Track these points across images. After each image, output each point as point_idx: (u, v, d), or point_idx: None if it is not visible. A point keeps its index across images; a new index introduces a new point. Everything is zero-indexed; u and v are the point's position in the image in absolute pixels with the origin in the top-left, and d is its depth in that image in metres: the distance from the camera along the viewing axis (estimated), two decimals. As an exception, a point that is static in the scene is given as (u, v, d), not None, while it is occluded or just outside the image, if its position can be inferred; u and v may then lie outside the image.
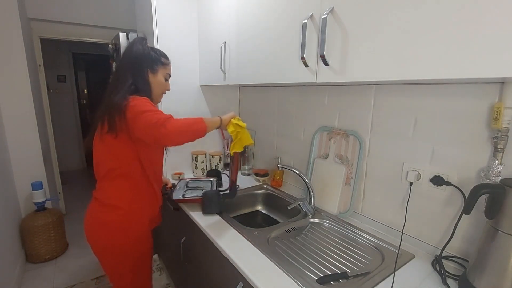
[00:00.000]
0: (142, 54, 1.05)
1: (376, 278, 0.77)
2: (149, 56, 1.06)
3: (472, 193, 0.68)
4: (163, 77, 1.11)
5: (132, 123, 0.92)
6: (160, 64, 1.09)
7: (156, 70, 1.08)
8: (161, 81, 1.10)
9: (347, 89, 1.13)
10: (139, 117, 0.91)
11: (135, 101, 0.95)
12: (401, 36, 0.64)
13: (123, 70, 1.04)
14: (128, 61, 1.04)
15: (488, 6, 0.51)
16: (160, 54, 1.11)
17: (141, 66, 1.04)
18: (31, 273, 2.05)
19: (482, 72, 0.53)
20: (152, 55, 1.07)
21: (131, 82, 1.01)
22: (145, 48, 1.06)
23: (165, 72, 1.11)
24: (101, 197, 1.07)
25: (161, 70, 1.10)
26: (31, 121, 2.25)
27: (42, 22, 2.59)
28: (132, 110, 0.92)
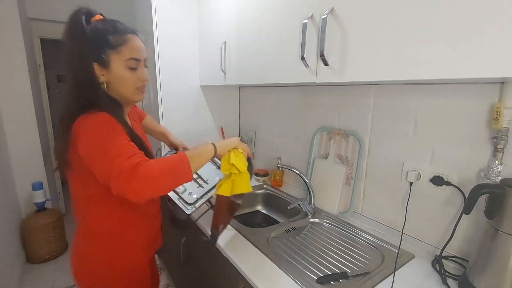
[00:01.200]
0: (77, 41, 0.69)
1: (376, 278, 0.77)
2: (87, 40, 0.68)
3: (472, 193, 0.68)
4: (124, 66, 0.72)
5: (90, 166, 0.65)
6: (108, 47, 0.69)
7: (107, 62, 0.70)
8: (122, 74, 0.72)
9: (347, 89, 1.13)
10: (94, 164, 0.64)
11: (85, 132, 0.65)
12: (401, 36, 0.64)
13: (67, 75, 0.74)
14: (66, 59, 0.73)
15: (488, 6, 0.51)
16: (105, 30, 0.70)
17: (83, 61, 0.70)
18: (32, 273, 2.05)
19: (482, 72, 0.53)
20: (90, 36, 0.68)
21: (75, 94, 0.70)
22: (78, 29, 0.69)
23: (124, 57, 0.71)
24: (81, 222, 0.81)
25: (114, 56, 0.70)
26: (31, 121, 2.25)
27: (42, 22, 2.59)
28: (83, 149, 0.65)
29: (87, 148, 0.65)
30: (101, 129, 0.65)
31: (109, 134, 0.65)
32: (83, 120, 0.66)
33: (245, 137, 1.82)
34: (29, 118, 2.24)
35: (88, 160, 0.65)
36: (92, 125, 0.66)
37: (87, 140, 0.65)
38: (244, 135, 1.83)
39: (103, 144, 0.63)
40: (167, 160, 0.65)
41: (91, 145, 0.64)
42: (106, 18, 0.76)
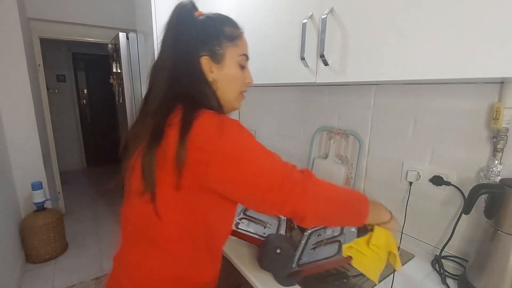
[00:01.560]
0: (184, 30, 0.59)
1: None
2: (198, 29, 0.60)
3: (471, 193, 0.68)
4: (237, 63, 0.63)
5: (229, 181, 0.51)
6: (225, 38, 0.60)
7: (221, 56, 0.60)
8: (234, 72, 0.62)
9: (347, 89, 1.13)
10: (243, 176, 0.50)
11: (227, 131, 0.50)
12: (401, 36, 0.65)
13: (159, 72, 0.60)
14: (165, 53, 0.60)
15: (488, 6, 0.51)
16: (221, 21, 0.63)
17: (189, 54, 0.58)
18: (31, 273, 2.05)
19: (481, 72, 0.53)
20: (208, 29, 0.60)
21: (173, 94, 0.56)
22: (187, 17, 0.60)
23: (237, 53, 0.62)
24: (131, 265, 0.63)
25: (231, 50, 0.61)
26: (30, 121, 2.25)
27: (42, 22, 2.59)
28: (224, 158, 0.49)
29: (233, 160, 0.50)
30: (246, 134, 0.53)
31: (257, 142, 0.53)
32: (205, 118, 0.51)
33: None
34: (29, 117, 2.23)
35: (231, 175, 0.50)
36: (236, 130, 0.52)
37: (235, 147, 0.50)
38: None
39: (260, 151, 0.53)
40: (341, 188, 0.58)
41: (241, 155, 0.50)
42: (211, 14, 0.66)
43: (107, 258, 2.24)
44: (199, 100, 0.57)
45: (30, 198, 2.17)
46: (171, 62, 0.59)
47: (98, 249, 2.37)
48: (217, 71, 0.61)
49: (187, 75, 0.58)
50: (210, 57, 0.60)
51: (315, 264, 0.70)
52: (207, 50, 0.59)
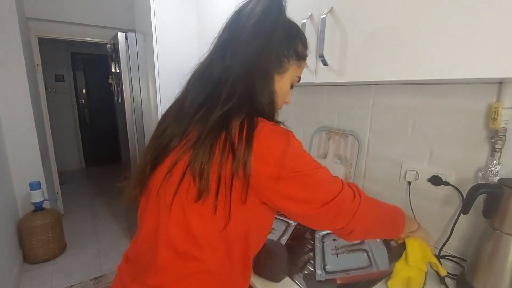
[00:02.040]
0: (278, 35, 0.55)
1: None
2: (285, 40, 0.57)
3: (470, 193, 0.68)
4: (291, 81, 0.62)
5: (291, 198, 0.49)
6: (295, 57, 0.59)
7: (285, 69, 0.59)
8: (286, 89, 0.62)
9: (346, 89, 1.13)
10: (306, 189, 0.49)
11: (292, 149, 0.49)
12: (400, 36, 0.65)
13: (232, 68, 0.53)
14: (246, 45, 0.53)
15: (487, 6, 0.51)
16: (299, 34, 0.61)
17: (268, 61, 0.54)
18: (29, 273, 2.04)
19: (480, 72, 0.53)
20: (289, 38, 0.58)
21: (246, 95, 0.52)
22: (281, 22, 0.56)
23: (296, 73, 0.62)
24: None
25: (293, 69, 0.60)
26: (29, 121, 2.24)
27: (40, 22, 2.58)
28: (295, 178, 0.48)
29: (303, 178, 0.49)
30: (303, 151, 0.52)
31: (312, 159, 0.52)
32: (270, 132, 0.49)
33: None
34: (27, 117, 2.23)
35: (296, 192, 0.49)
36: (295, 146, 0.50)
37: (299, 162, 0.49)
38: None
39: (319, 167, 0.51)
40: (383, 203, 0.60)
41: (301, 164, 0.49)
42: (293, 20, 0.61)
43: (106, 258, 2.24)
44: (261, 104, 0.53)
45: (28, 198, 2.16)
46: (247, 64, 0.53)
47: (97, 249, 2.37)
48: (276, 83, 0.58)
49: (263, 82, 0.54)
50: (277, 72, 0.58)
51: (350, 275, 0.71)
52: (276, 59, 0.57)
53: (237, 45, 0.54)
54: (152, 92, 1.67)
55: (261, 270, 0.73)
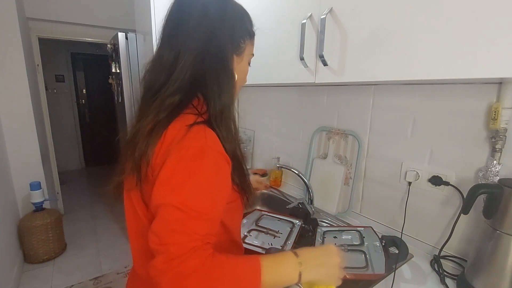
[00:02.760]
0: (228, 16, 0.55)
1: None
2: (234, 21, 0.56)
3: (470, 193, 0.68)
4: (247, 61, 0.63)
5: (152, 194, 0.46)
6: (248, 36, 0.60)
7: (242, 50, 0.59)
8: (246, 69, 0.63)
9: (346, 89, 1.13)
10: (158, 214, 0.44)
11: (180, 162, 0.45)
12: (400, 36, 0.65)
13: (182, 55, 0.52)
14: (195, 30, 0.52)
15: (487, 6, 0.51)
16: (246, 14, 0.61)
17: (224, 43, 0.54)
18: (29, 273, 2.05)
19: (480, 72, 0.53)
20: (238, 19, 0.58)
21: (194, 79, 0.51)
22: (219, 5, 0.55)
23: (251, 51, 0.63)
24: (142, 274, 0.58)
25: (248, 48, 0.61)
26: (29, 121, 2.24)
27: (40, 22, 2.58)
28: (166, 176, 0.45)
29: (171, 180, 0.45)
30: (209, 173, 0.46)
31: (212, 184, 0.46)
32: (184, 137, 0.46)
33: (244, 136, 1.82)
34: (27, 117, 2.23)
35: (158, 189, 0.45)
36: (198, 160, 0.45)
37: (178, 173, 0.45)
38: (243, 134, 1.83)
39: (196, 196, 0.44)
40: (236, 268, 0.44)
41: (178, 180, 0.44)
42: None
43: (105, 258, 2.24)
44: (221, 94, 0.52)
45: (28, 198, 2.16)
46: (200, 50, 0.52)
47: (96, 249, 2.37)
48: (236, 64, 0.58)
49: (220, 67, 0.53)
50: (235, 51, 0.57)
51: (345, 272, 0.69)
52: (234, 45, 0.56)
53: (185, 33, 0.53)
54: (152, 92, 1.67)
55: None
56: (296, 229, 0.98)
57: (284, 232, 0.96)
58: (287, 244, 0.90)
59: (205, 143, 0.46)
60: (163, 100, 0.51)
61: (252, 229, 0.97)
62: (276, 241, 0.92)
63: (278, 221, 1.05)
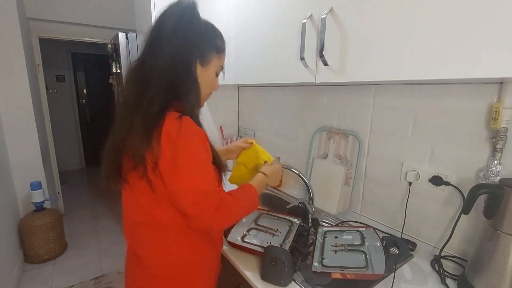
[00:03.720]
0: (193, 33, 0.66)
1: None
2: (201, 37, 0.67)
3: (470, 193, 0.68)
4: (214, 71, 0.74)
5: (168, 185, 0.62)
6: (215, 51, 0.71)
7: (208, 61, 0.70)
8: (211, 78, 0.73)
9: (346, 89, 1.13)
10: (178, 185, 0.60)
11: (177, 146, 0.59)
12: (400, 36, 0.65)
13: (158, 60, 0.64)
14: (167, 43, 0.64)
15: (487, 6, 0.51)
16: (215, 33, 0.73)
17: (189, 54, 0.66)
18: (30, 273, 2.05)
19: (480, 72, 0.53)
20: (205, 35, 0.69)
21: (168, 82, 0.63)
22: (195, 23, 0.67)
23: (218, 64, 0.74)
24: (143, 252, 0.71)
25: (215, 61, 0.72)
26: (30, 121, 2.24)
27: (41, 22, 2.59)
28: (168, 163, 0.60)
29: (175, 166, 0.60)
30: (196, 147, 0.62)
31: (202, 157, 0.63)
32: (174, 127, 0.60)
33: (244, 136, 1.82)
34: (28, 117, 2.23)
35: (170, 178, 0.60)
36: (187, 140, 0.61)
37: (179, 156, 0.59)
38: (244, 134, 1.83)
39: (197, 169, 0.61)
40: (242, 196, 0.70)
41: (182, 165, 0.60)
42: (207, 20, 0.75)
43: (106, 258, 2.24)
44: (184, 95, 0.65)
45: (29, 198, 2.16)
46: (170, 58, 0.64)
47: (97, 249, 2.37)
48: (200, 73, 0.70)
49: (185, 72, 0.65)
50: (200, 61, 0.69)
51: (344, 272, 0.74)
52: (199, 55, 0.68)
53: (161, 43, 0.65)
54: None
55: (268, 277, 0.75)
56: (294, 228, 0.98)
57: (283, 231, 0.97)
58: (286, 242, 0.90)
59: (195, 128, 0.63)
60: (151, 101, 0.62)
61: (251, 228, 0.98)
62: (275, 240, 0.92)
63: (277, 219, 1.06)
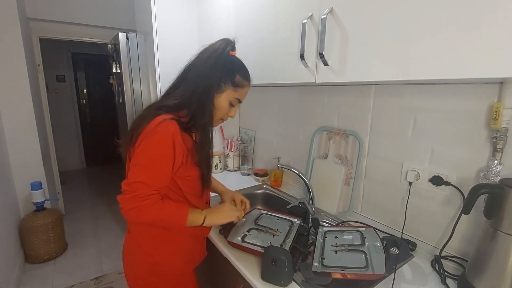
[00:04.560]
0: (219, 65, 0.80)
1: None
2: (222, 70, 0.80)
3: (471, 193, 0.68)
4: (228, 102, 0.83)
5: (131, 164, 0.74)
6: (231, 84, 0.82)
7: (222, 91, 0.81)
8: (223, 105, 0.83)
9: (346, 89, 1.13)
10: (133, 166, 0.73)
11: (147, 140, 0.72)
12: (400, 36, 0.65)
13: (187, 74, 0.82)
14: (199, 68, 0.81)
15: (487, 6, 0.51)
16: (239, 70, 0.83)
17: (210, 81, 0.79)
18: (30, 273, 2.05)
19: (481, 72, 0.53)
20: (226, 69, 0.81)
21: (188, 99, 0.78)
22: (223, 58, 0.81)
23: (232, 96, 0.83)
24: (128, 224, 0.89)
25: (229, 91, 0.82)
26: (30, 121, 2.24)
27: (41, 22, 2.59)
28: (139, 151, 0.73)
29: (139, 153, 0.73)
30: (155, 144, 0.73)
31: (156, 153, 0.73)
32: (152, 124, 0.73)
33: (244, 136, 1.82)
34: (28, 118, 2.23)
35: (133, 159, 0.74)
36: (152, 135, 0.72)
37: (144, 147, 0.72)
38: (244, 134, 1.83)
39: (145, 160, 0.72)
40: (168, 213, 0.75)
41: (142, 154, 0.73)
42: (238, 58, 0.88)
43: (106, 258, 2.24)
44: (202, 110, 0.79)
45: (29, 198, 2.17)
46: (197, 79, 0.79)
47: (97, 249, 2.37)
48: (215, 99, 0.82)
49: (205, 94, 0.79)
50: (215, 88, 0.80)
51: (345, 272, 0.74)
52: (216, 82, 0.80)
53: (194, 67, 0.82)
54: (153, 92, 1.68)
55: (268, 277, 0.75)
56: (295, 228, 0.98)
57: (283, 231, 0.97)
58: (286, 242, 0.90)
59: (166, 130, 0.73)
60: (163, 102, 0.81)
61: (251, 228, 0.98)
62: (275, 240, 0.92)
63: (277, 219, 1.06)
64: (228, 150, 1.75)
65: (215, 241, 0.96)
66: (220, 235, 0.98)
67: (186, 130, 0.77)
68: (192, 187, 0.84)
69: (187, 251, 0.90)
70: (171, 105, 0.78)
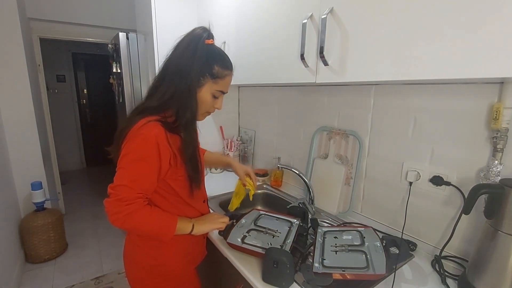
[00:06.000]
0: (195, 59, 0.75)
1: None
2: (198, 63, 0.75)
3: (471, 193, 0.68)
4: (210, 95, 0.80)
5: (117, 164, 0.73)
6: (210, 76, 0.78)
7: (202, 85, 0.78)
8: (205, 98, 0.80)
9: (346, 89, 1.13)
10: (118, 167, 0.72)
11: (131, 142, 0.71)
12: (401, 36, 0.65)
13: (166, 71, 0.78)
14: (174, 61, 0.77)
15: (487, 6, 0.51)
16: (216, 61, 0.78)
17: (189, 76, 0.75)
18: (30, 273, 2.05)
19: (481, 72, 0.53)
20: (202, 62, 0.76)
21: (171, 94, 0.76)
22: (199, 50, 0.75)
23: (213, 88, 0.80)
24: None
25: (209, 84, 0.78)
26: (30, 121, 2.24)
27: (42, 22, 2.59)
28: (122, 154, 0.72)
29: (123, 156, 0.72)
30: (138, 147, 0.71)
31: (139, 155, 0.71)
32: (136, 127, 0.73)
33: (244, 136, 1.82)
34: (29, 117, 2.23)
35: (118, 163, 0.73)
36: (134, 138, 0.72)
37: (127, 149, 0.72)
38: (244, 134, 1.83)
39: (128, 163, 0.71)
40: (156, 220, 0.74)
41: (125, 157, 0.72)
42: (216, 46, 0.83)
43: (106, 258, 2.24)
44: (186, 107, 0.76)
45: (29, 198, 2.17)
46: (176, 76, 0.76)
47: (97, 249, 2.37)
48: (198, 93, 0.79)
49: (186, 90, 0.75)
50: (196, 82, 0.77)
51: (346, 272, 0.73)
52: (196, 77, 0.76)
53: (172, 63, 0.78)
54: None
55: (270, 278, 0.75)
56: (294, 228, 0.98)
57: (283, 231, 0.97)
58: (286, 243, 0.89)
59: (149, 132, 0.71)
60: (147, 104, 0.79)
61: (251, 229, 0.97)
62: (275, 240, 0.91)
63: (276, 220, 1.05)
64: (228, 150, 1.75)
65: (215, 241, 0.96)
66: (220, 236, 0.98)
67: (172, 130, 0.75)
68: (186, 187, 0.83)
69: (187, 251, 0.90)
70: (154, 106, 0.76)
